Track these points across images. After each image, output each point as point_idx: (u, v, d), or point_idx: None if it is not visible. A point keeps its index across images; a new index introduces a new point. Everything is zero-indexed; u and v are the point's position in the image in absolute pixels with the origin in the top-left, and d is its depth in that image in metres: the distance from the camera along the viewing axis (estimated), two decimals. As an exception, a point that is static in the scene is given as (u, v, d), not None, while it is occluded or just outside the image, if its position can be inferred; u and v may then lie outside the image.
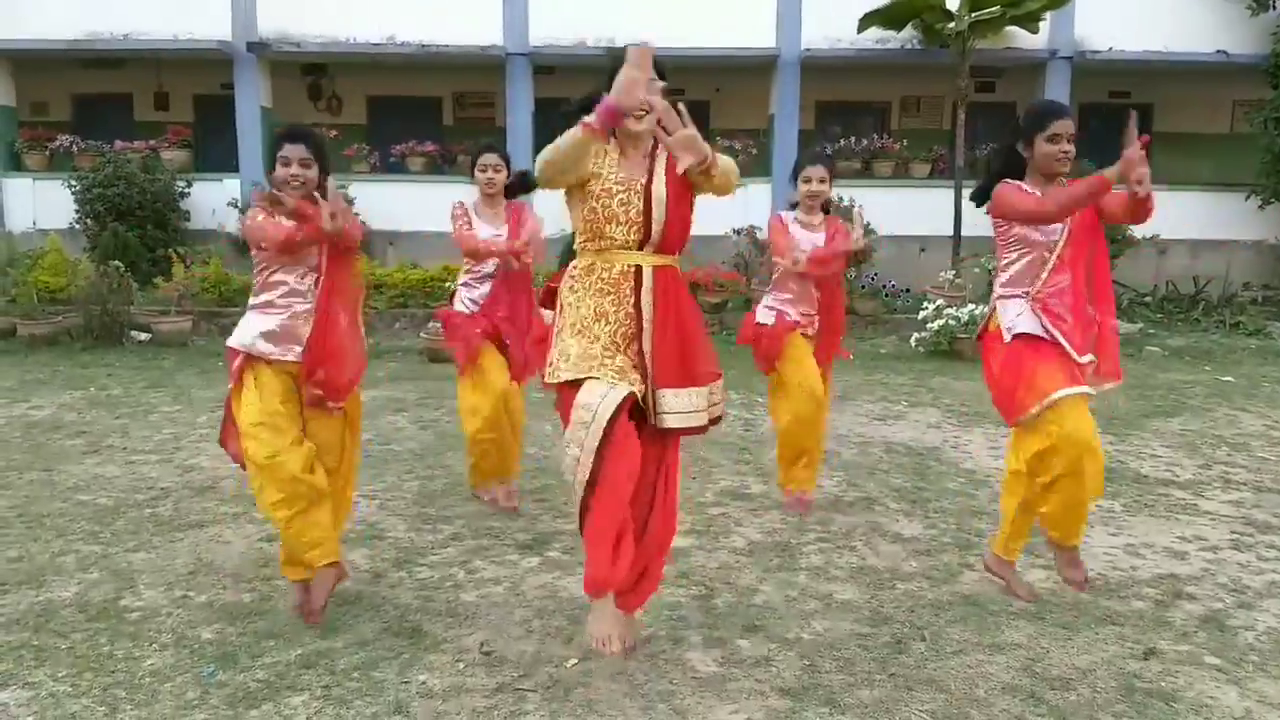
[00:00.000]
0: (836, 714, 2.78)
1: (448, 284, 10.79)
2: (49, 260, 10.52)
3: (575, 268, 3.01)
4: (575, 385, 2.87)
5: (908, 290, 11.68)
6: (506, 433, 4.57)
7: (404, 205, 12.38)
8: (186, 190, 12.83)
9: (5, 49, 12.97)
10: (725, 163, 2.89)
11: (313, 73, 14.75)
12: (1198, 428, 6.63)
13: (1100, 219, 3.51)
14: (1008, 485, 3.66)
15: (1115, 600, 3.64)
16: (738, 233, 11.66)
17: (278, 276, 3.37)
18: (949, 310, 9.75)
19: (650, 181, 2.90)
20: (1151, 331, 10.87)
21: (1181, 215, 12.65)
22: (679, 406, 2.92)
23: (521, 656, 3.11)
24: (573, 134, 2.72)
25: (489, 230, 4.62)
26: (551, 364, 2.98)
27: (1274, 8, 12.23)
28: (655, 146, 2.95)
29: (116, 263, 10.02)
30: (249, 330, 3.37)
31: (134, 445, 5.86)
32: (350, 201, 12.23)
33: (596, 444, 2.77)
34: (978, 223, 11.57)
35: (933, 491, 5.06)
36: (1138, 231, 11.82)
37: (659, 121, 2.82)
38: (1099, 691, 2.93)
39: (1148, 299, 12.10)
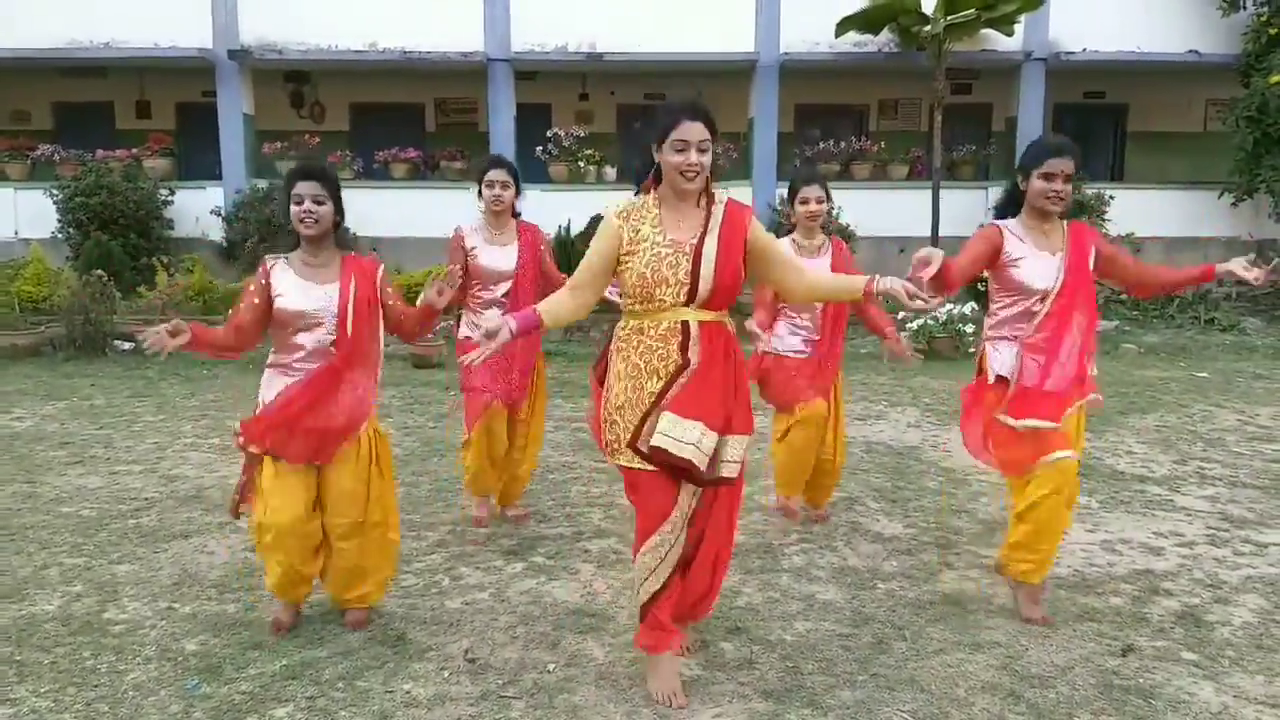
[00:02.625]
0: (818, 715, 2.81)
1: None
2: (31, 270, 10.47)
3: (623, 330, 2.95)
4: (635, 468, 2.88)
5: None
6: (486, 467, 4.47)
7: (387, 211, 12.36)
8: (169, 198, 12.79)
9: (-16, 57, 12.89)
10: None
11: (295, 80, 14.72)
12: (1173, 424, 6.72)
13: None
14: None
15: (1093, 597, 3.69)
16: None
17: (298, 339, 3.27)
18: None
19: (702, 241, 2.83)
20: (1127, 329, 10.98)
21: (1156, 213, 12.83)
22: (733, 456, 2.88)
23: (506, 663, 3.13)
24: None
25: (497, 255, 4.39)
26: (608, 444, 2.95)
27: (1244, 8, 12.39)
28: (711, 203, 2.89)
29: (99, 272, 9.98)
30: (271, 393, 3.29)
31: (117, 456, 5.84)
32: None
33: (678, 558, 2.89)
34: (955, 223, 11.74)
35: (912, 490, 5.11)
36: (1112, 229, 11.96)
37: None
38: (1077, 689, 2.97)
39: (1123, 296, 12.20)
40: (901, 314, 9.97)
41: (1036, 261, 3.41)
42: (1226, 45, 12.77)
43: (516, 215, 4.50)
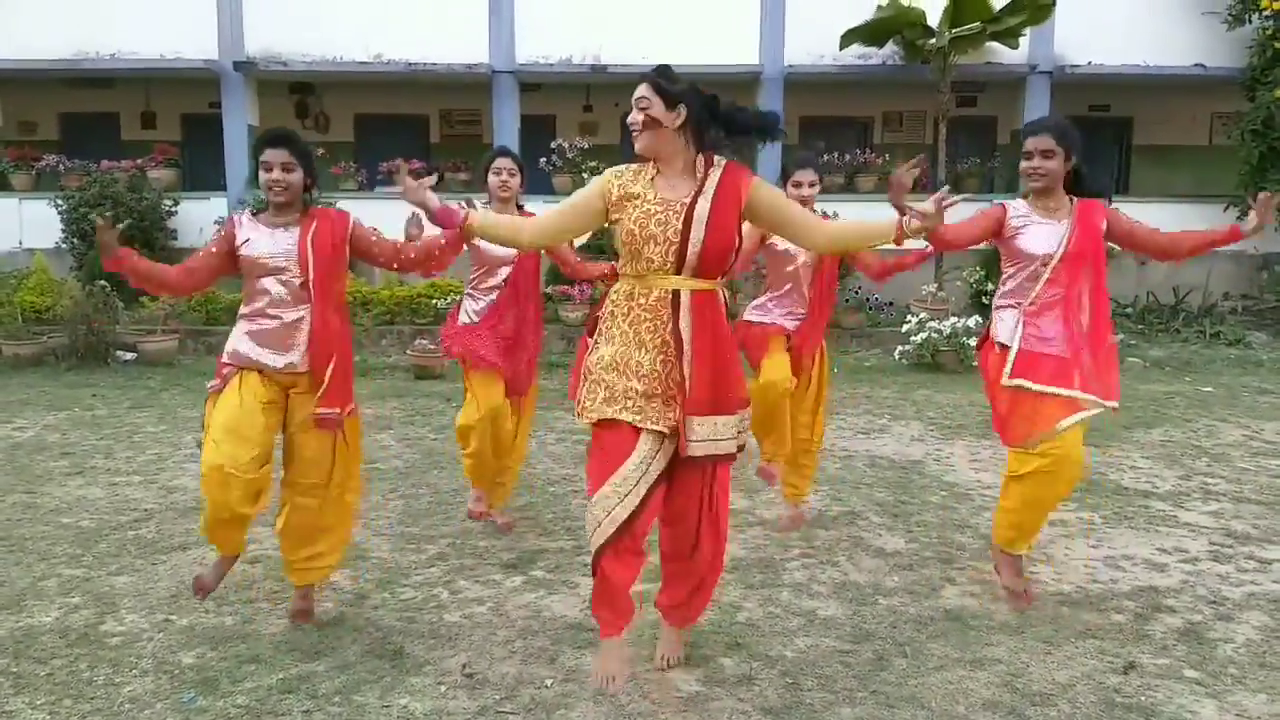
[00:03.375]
0: (817, 732, 2.80)
1: (435, 301, 10.81)
2: (35, 280, 10.49)
3: (615, 293, 2.97)
4: (607, 424, 2.88)
5: (891, 304, 11.74)
6: (488, 451, 4.44)
7: (391, 223, 12.24)
8: (173, 209, 12.81)
9: (-8, 68, 12.96)
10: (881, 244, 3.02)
11: (300, 91, 14.78)
12: (1178, 438, 6.69)
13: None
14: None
15: (1095, 613, 3.67)
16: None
17: (262, 284, 3.32)
18: (932, 324, 9.80)
19: (694, 201, 2.81)
20: (1132, 343, 10.93)
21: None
22: (706, 434, 2.87)
23: (504, 678, 3.11)
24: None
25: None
26: (581, 400, 2.96)
27: (1250, 22, 12.39)
28: (708, 165, 2.88)
29: (102, 282, 9.98)
30: (240, 339, 3.33)
31: (118, 466, 5.84)
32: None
33: (627, 515, 2.80)
34: (961, 236, 11.73)
35: (915, 505, 5.09)
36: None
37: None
38: (1079, 706, 2.95)
39: (1129, 310, 12.18)
40: (905, 327, 9.97)
41: (1039, 228, 3.58)
42: (1232, 59, 12.76)
43: (520, 207, 4.53)
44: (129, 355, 9.97)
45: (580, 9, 12.83)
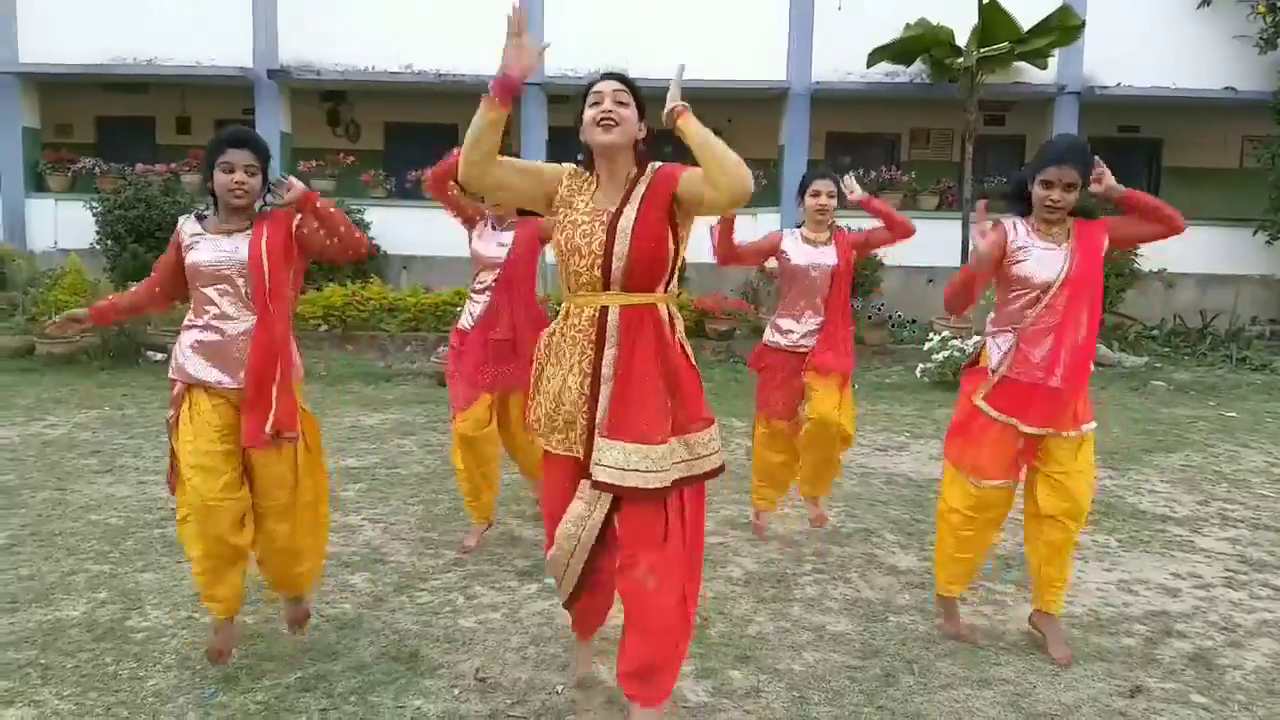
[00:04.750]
0: (822, 745, 2.84)
1: (459, 309, 10.90)
2: (69, 280, 10.68)
3: (560, 310, 2.84)
4: (549, 456, 2.84)
5: (914, 321, 11.74)
6: (476, 475, 4.53)
7: (418, 230, 12.52)
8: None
9: (32, 72, 13.25)
10: (697, 132, 2.53)
11: (332, 99, 15.01)
12: (1199, 463, 6.65)
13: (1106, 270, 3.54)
14: (1027, 534, 3.65)
15: (1105, 637, 3.68)
16: (747, 261, 11.76)
17: (208, 293, 3.12)
18: (954, 342, 9.79)
19: (620, 210, 2.65)
20: (1158, 366, 10.87)
21: (1190, 249, 12.57)
22: (615, 461, 2.61)
23: (516, 683, 3.18)
24: (479, 110, 2.59)
25: (493, 242, 4.53)
26: (533, 421, 2.89)
27: (1281, 46, 12.33)
28: (637, 176, 2.72)
29: (134, 284, 10.17)
30: (186, 354, 3.14)
31: (146, 465, 5.96)
32: (366, 225, 12.40)
33: (582, 566, 2.80)
34: (984, 256, 11.71)
35: (930, 524, 5.08)
36: (1144, 265, 11.88)
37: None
38: (1083, 728, 2.97)
39: (1155, 332, 12.11)
40: (928, 345, 9.96)
41: (1041, 254, 3.40)
42: (1263, 82, 12.69)
43: (522, 212, 4.52)
44: (159, 355, 10.13)
45: (609, 23, 12.97)
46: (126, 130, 15.09)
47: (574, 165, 2.83)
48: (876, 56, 12.40)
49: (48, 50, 13.06)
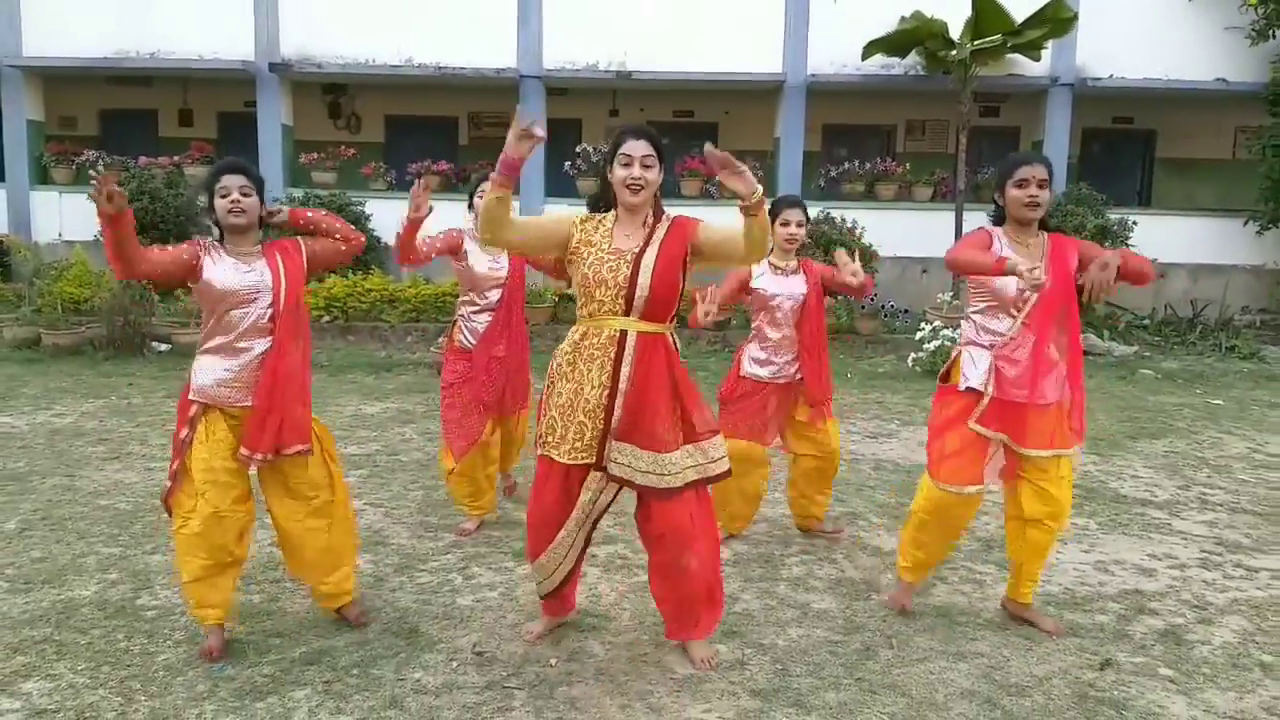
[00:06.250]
0: (803, 715, 2.98)
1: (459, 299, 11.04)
2: (74, 272, 10.83)
3: (574, 333, 3.20)
4: (548, 463, 3.21)
5: (907, 310, 11.88)
6: (480, 477, 4.66)
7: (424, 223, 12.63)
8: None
9: (37, 65, 13.36)
10: (765, 220, 2.93)
11: (333, 92, 15.14)
12: (1182, 449, 6.79)
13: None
14: (1010, 535, 3.75)
15: (1079, 614, 3.82)
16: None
17: (233, 316, 3.27)
18: (946, 331, 9.93)
19: (643, 250, 3.09)
20: (1147, 355, 11.00)
21: (1181, 239, 12.87)
22: (625, 460, 3.09)
23: (511, 657, 3.32)
24: (488, 192, 2.94)
25: (486, 260, 4.62)
26: (540, 435, 3.24)
27: (1273, 37, 12.42)
28: (656, 221, 3.18)
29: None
30: (206, 375, 3.28)
31: (152, 452, 6.10)
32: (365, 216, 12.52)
33: (568, 572, 3.34)
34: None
35: (916, 508, 5.23)
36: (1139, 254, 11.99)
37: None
38: (1052, 699, 3.11)
39: (1145, 322, 12.23)
40: (919, 333, 10.10)
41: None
42: (1255, 74, 12.80)
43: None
44: (163, 346, 10.29)
45: (606, 16, 13.08)
46: (130, 123, 15.22)
47: (582, 213, 3.27)
48: (871, 49, 12.50)
49: (52, 44, 13.19)
